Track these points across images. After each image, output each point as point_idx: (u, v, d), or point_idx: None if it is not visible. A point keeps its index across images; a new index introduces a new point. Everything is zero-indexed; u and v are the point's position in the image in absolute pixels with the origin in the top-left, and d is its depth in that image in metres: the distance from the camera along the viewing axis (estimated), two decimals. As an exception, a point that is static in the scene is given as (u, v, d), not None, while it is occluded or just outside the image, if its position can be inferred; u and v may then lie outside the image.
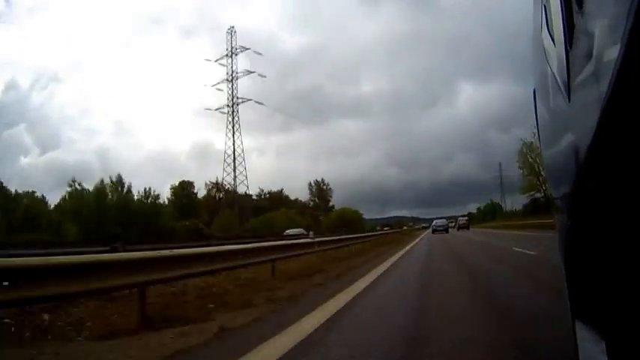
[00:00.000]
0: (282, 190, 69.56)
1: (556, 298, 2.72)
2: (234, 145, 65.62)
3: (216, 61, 64.56)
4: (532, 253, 11.47)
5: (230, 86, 65.42)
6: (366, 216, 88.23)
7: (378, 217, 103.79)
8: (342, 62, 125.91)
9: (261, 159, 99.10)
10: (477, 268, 9.45)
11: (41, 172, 69.43)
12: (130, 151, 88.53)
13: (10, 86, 72.75)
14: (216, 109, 64.42)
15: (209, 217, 57.05)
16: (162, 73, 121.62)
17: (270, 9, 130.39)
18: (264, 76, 67.02)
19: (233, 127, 65.83)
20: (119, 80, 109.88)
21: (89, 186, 44.25)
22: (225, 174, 65.07)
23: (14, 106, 70.83)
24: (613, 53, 0.74)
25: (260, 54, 67.65)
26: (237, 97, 65.20)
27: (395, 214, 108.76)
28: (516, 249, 13.40)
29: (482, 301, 5.05)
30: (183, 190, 64.66)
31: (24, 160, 67.86)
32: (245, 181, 65.30)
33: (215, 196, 66.14)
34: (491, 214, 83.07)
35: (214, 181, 66.52)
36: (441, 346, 3.08)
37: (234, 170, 65.41)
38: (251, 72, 64.65)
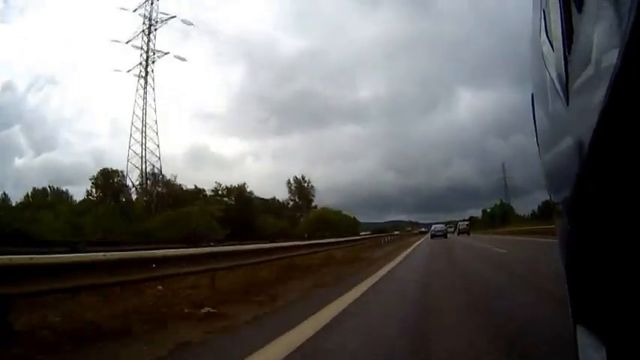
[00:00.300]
0: (244, 184, 67.92)
1: None
2: (144, 115, 58.39)
3: (135, 10, 59.53)
4: None
5: (146, 38, 59.63)
6: (364, 220, 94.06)
7: (376, 221, 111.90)
8: (339, 66, 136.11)
9: (257, 163, 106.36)
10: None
11: (36, 174, 76.98)
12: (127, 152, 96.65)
13: (7, 87, 79.03)
14: (129, 71, 59.52)
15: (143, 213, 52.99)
16: (162, 79, 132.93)
17: (267, 10, 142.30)
18: (191, 24, 62.40)
19: (145, 91, 58.70)
20: (116, 83, 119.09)
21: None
22: (130, 154, 58.58)
23: (10, 107, 79.25)
24: (612, 57, 0.85)
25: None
26: (154, 51, 59.16)
27: (393, 219, 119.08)
28: None
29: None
30: (109, 180, 59.13)
31: (19, 162, 74.95)
32: (158, 163, 59.42)
33: (152, 188, 61.27)
34: (501, 217, 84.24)
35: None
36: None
37: (144, 149, 57.97)
38: (172, 16, 59.95)
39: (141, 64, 60.39)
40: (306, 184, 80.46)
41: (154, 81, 59.46)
